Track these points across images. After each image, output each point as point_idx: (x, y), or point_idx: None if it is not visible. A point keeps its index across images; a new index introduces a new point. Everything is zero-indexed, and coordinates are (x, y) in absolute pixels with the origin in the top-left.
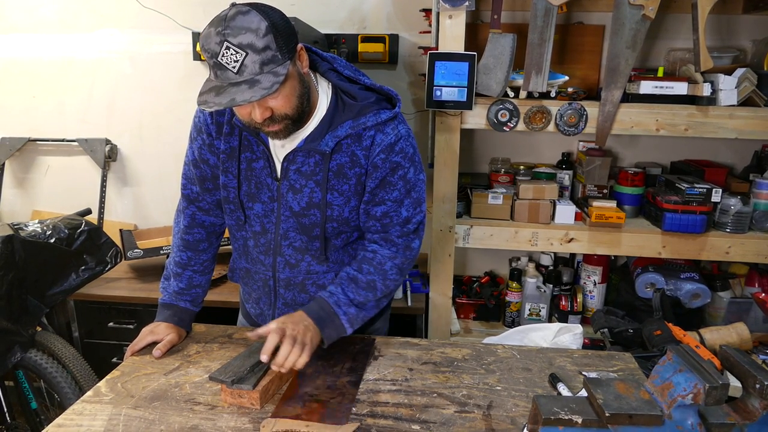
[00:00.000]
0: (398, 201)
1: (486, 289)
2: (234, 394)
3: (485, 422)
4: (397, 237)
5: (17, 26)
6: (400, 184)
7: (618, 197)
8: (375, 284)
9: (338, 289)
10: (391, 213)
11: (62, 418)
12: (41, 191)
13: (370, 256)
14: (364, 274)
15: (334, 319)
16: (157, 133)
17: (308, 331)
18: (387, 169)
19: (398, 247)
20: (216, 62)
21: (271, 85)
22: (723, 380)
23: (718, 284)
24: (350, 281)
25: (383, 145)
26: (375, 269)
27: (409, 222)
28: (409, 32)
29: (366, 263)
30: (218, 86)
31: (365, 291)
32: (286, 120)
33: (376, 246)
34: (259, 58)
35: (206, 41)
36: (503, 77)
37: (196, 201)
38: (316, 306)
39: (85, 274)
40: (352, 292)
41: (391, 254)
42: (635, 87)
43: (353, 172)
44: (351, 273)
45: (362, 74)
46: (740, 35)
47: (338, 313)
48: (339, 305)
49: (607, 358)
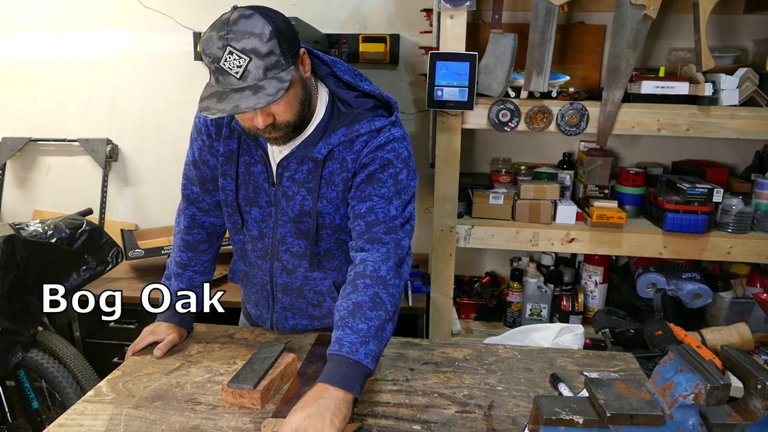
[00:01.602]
0: (387, 198)
1: (487, 289)
2: (235, 394)
3: (486, 422)
4: (384, 234)
5: (18, 26)
6: (390, 182)
7: (619, 197)
8: (379, 297)
9: (345, 331)
10: (377, 209)
11: (63, 417)
12: (42, 191)
13: (361, 268)
14: (362, 291)
15: (358, 369)
16: (158, 133)
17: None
18: (376, 165)
19: (388, 246)
20: (218, 67)
21: (276, 92)
22: (724, 380)
23: (720, 284)
24: (353, 312)
25: (372, 146)
26: (372, 280)
27: (395, 219)
28: (410, 32)
29: (360, 278)
30: (220, 92)
31: (374, 311)
32: (287, 127)
33: (363, 254)
34: (263, 63)
35: (208, 45)
36: (504, 77)
37: (196, 202)
38: (333, 367)
39: (86, 274)
40: (362, 321)
41: (382, 256)
42: (636, 87)
43: (341, 178)
44: (349, 303)
45: (363, 79)
46: (742, 35)
47: (359, 359)
48: (356, 350)
49: (608, 358)
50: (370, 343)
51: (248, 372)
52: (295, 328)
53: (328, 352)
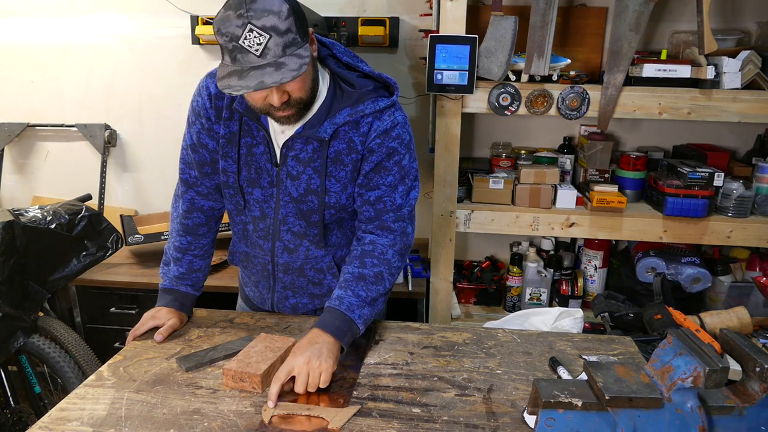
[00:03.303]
0: (392, 186)
1: (487, 274)
2: (236, 378)
3: (485, 405)
4: (393, 222)
5: (14, 10)
6: (395, 169)
7: (619, 181)
8: (382, 276)
9: (347, 292)
10: (384, 198)
11: (65, 402)
12: (41, 177)
13: (370, 248)
14: (369, 268)
15: (351, 325)
16: (156, 118)
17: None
18: (383, 153)
19: (395, 233)
20: (237, 46)
21: (299, 67)
22: (723, 364)
23: (719, 268)
24: (358, 279)
25: (379, 130)
26: (378, 260)
27: (402, 208)
28: (410, 15)
29: (368, 257)
30: (239, 70)
31: (375, 285)
32: (300, 103)
33: (372, 236)
34: (282, 40)
35: (225, 24)
36: (505, 60)
37: (194, 186)
38: (330, 318)
39: (86, 260)
40: (364, 290)
41: (390, 242)
42: (638, 70)
43: (350, 159)
44: (355, 271)
45: (361, 61)
46: (745, 17)
47: (353, 318)
48: (352, 310)
49: (608, 342)
50: (365, 308)
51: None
52: (295, 307)
53: (327, 305)
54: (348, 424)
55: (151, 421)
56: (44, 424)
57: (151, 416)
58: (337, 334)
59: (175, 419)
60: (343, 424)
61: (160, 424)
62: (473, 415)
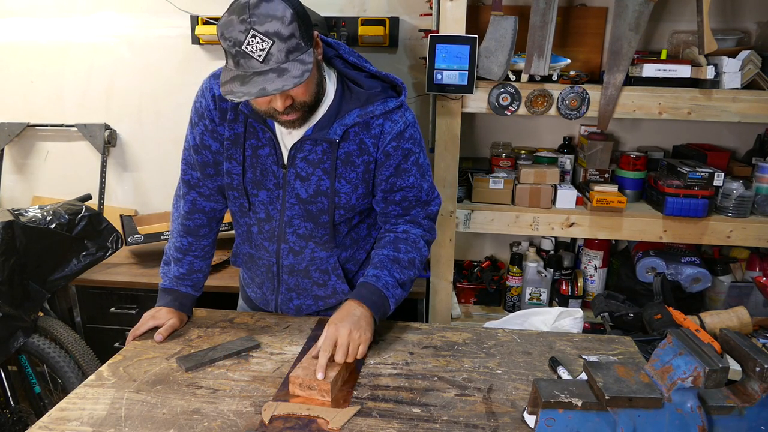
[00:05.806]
0: (415, 186)
1: (487, 274)
2: (303, 386)
3: (485, 405)
4: (423, 218)
5: (14, 10)
6: (414, 169)
7: (619, 181)
8: (414, 262)
9: (383, 272)
10: (410, 197)
11: (65, 402)
12: (41, 177)
13: (404, 236)
14: (403, 253)
15: (384, 302)
16: (156, 118)
17: (359, 330)
18: (399, 156)
19: (425, 228)
20: (240, 51)
21: (301, 74)
22: (723, 363)
23: (719, 268)
24: (393, 262)
25: (393, 133)
26: (412, 247)
27: (429, 204)
28: (410, 15)
29: (402, 243)
30: (242, 75)
31: (407, 270)
32: (304, 107)
33: (406, 226)
34: (285, 46)
35: (228, 29)
36: (504, 60)
37: (196, 187)
38: (367, 292)
39: (86, 260)
40: (398, 272)
41: (422, 233)
42: (638, 70)
43: (361, 160)
44: (390, 254)
45: (366, 61)
46: (745, 17)
47: (388, 296)
48: (387, 288)
49: (607, 341)
50: (398, 289)
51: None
52: (299, 308)
53: (363, 280)
54: (348, 424)
55: (151, 421)
56: (44, 424)
57: (151, 416)
58: (373, 308)
59: (175, 419)
60: (343, 424)
61: (160, 424)
62: (473, 415)
